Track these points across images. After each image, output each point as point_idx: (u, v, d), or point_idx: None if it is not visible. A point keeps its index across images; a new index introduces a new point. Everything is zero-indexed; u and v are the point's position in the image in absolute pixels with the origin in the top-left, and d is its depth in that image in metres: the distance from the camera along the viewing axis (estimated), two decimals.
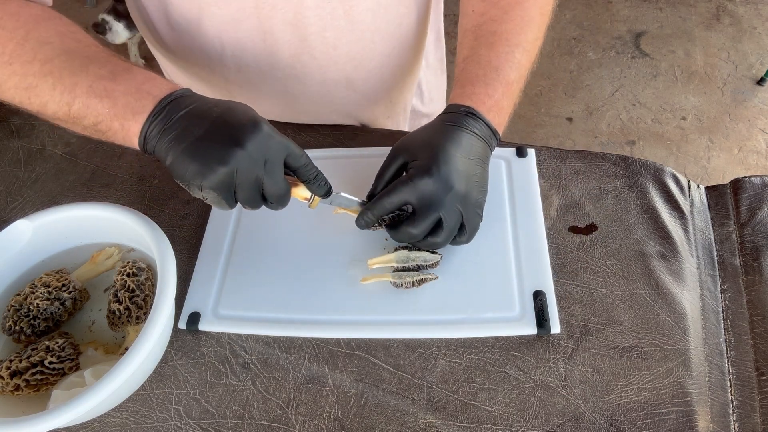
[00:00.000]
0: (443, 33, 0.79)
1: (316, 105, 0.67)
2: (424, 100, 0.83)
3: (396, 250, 0.53)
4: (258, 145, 0.42)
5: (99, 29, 1.64)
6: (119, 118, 0.43)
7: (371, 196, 0.51)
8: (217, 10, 0.56)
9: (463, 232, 0.49)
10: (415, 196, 0.47)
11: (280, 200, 0.45)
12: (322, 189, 0.48)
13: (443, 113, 0.51)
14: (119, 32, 1.73)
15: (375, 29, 0.60)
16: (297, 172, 0.46)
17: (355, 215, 0.53)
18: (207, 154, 0.41)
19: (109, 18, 1.64)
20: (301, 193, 0.48)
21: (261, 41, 0.58)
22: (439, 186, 0.46)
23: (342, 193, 0.50)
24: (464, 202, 0.47)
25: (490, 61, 0.51)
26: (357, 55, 0.62)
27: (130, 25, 1.70)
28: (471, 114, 0.49)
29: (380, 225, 0.51)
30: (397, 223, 0.50)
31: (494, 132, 0.50)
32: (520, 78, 0.52)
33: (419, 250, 0.52)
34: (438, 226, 0.47)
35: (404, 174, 0.48)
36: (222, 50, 0.60)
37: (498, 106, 0.50)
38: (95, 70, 0.43)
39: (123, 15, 1.70)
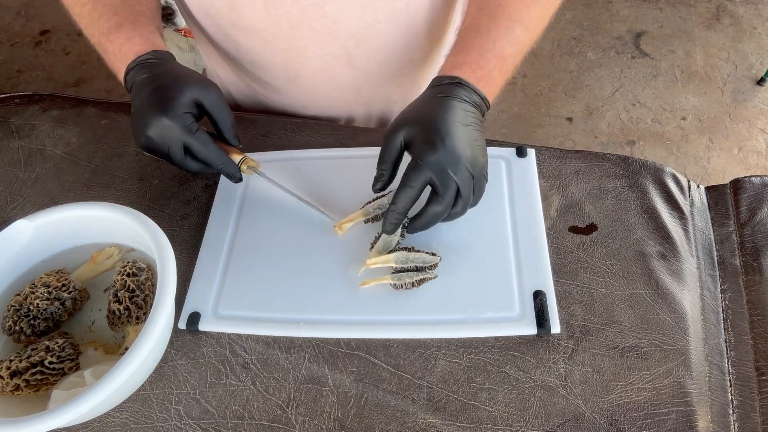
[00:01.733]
0: None
1: (317, 80, 0.67)
2: None
3: (395, 250, 0.53)
4: (158, 131, 0.50)
5: (163, 17, 1.44)
6: (115, 66, 0.55)
7: (382, 185, 0.51)
8: None
9: (474, 196, 0.49)
10: (434, 173, 0.46)
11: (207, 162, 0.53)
12: (230, 133, 0.54)
13: (433, 86, 0.51)
14: None
15: (378, 7, 0.60)
16: (217, 128, 0.54)
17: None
18: (135, 125, 0.51)
19: (171, 1, 1.51)
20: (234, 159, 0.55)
21: (263, 9, 0.59)
22: (451, 156, 0.46)
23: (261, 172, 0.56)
24: (474, 167, 0.47)
25: (489, 31, 0.51)
26: (358, 32, 0.62)
27: None
28: (459, 83, 0.50)
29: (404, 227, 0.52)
30: (412, 218, 0.50)
31: (484, 99, 0.51)
32: (517, 54, 0.53)
33: (419, 251, 0.52)
34: (456, 196, 0.48)
35: (411, 156, 0.48)
36: (231, 14, 0.61)
37: (489, 76, 0.51)
38: (100, 25, 0.55)
39: None
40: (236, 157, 0.55)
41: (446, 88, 0.49)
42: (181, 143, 0.50)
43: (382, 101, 0.72)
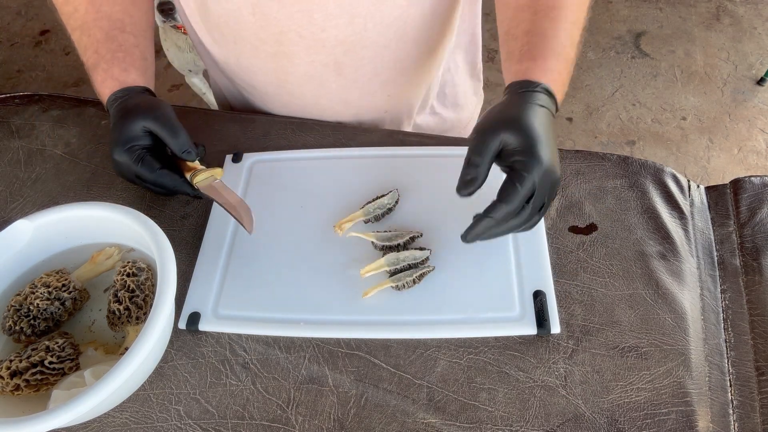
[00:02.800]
0: (479, 37, 0.76)
1: (305, 87, 0.67)
2: (447, 103, 0.80)
3: (384, 254, 0.53)
4: (117, 165, 0.56)
5: (164, 12, 1.45)
6: (100, 96, 0.61)
7: (474, 188, 0.47)
8: None
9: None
10: (536, 187, 0.45)
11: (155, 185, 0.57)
12: (184, 148, 0.55)
13: (524, 90, 0.48)
14: None
15: (367, 15, 0.59)
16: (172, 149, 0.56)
17: (368, 239, 0.54)
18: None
19: None
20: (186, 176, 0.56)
21: (251, 14, 0.59)
22: (551, 174, 0.45)
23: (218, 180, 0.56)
24: (557, 182, 0.47)
25: (557, 35, 0.50)
26: (347, 40, 0.61)
27: None
28: (549, 93, 0.49)
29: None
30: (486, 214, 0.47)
31: (557, 109, 0.50)
32: (576, 56, 0.52)
33: (405, 248, 0.52)
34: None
35: (510, 170, 0.46)
36: (220, 18, 0.62)
37: (563, 84, 0.50)
38: (86, 58, 0.60)
39: None
40: (194, 174, 0.55)
41: (540, 96, 0.48)
42: (134, 174, 0.56)
43: (371, 111, 0.72)
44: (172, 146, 0.55)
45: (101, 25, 0.60)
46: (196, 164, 0.56)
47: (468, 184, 0.47)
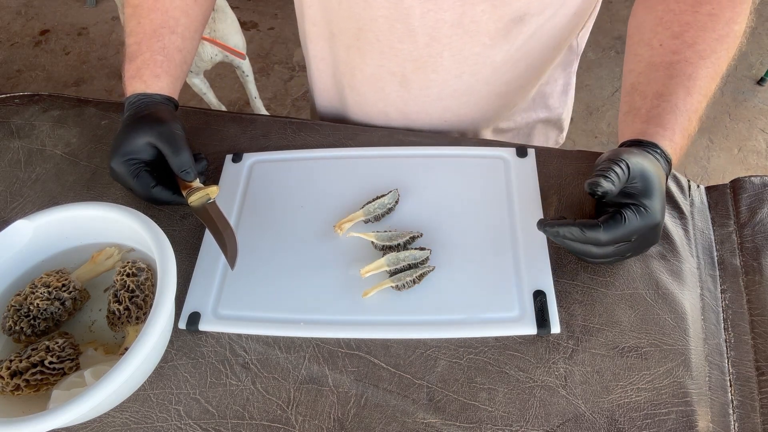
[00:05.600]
0: (572, 87, 0.75)
1: (368, 87, 0.67)
2: (536, 106, 0.76)
3: (384, 254, 0.53)
4: (114, 173, 0.57)
5: None
6: (124, 85, 0.61)
7: (609, 188, 0.44)
8: None
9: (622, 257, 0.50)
10: (630, 238, 0.46)
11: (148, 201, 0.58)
12: (181, 170, 0.55)
13: (651, 150, 0.49)
14: None
15: (448, 43, 0.59)
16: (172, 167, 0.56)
17: (368, 239, 0.54)
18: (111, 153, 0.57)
19: None
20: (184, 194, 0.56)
21: (337, 3, 0.60)
22: (652, 234, 0.47)
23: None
24: (653, 244, 0.49)
25: (687, 109, 0.50)
26: (420, 59, 0.61)
27: None
28: (669, 163, 0.50)
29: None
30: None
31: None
32: (699, 124, 0.52)
33: (406, 248, 0.52)
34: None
35: (622, 207, 0.46)
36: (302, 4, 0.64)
37: (678, 159, 0.51)
38: (128, 41, 0.60)
39: None
40: (189, 192, 0.55)
41: (664, 162, 0.49)
42: (128, 186, 0.57)
43: (428, 125, 0.71)
44: (172, 164, 0.55)
45: (153, 18, 0.60)
46: (194, 182, 0.56)
47: (604, 179, 0.44)
